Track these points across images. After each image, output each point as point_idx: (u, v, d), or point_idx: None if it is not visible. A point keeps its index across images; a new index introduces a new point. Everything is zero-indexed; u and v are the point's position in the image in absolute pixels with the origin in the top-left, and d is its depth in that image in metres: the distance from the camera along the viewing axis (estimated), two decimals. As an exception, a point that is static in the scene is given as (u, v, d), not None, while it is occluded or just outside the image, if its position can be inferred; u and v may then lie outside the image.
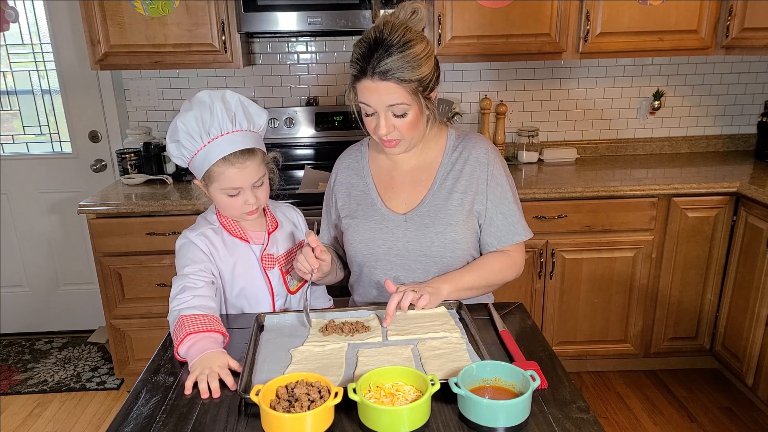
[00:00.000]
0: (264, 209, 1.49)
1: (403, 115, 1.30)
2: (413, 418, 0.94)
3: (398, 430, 0.94)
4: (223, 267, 1.42)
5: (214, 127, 1.31)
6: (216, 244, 1.42)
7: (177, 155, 1.36)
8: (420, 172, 1.45)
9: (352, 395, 0.96)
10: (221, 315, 1.39)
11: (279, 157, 1.50)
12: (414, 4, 1.32)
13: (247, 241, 1.45)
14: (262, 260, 1.45)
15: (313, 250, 1.35)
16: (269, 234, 1.48)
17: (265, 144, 1.45)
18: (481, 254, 1.49)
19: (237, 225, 1.44)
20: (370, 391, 1.01)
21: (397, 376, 1.04)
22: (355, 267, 1.53)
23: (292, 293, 1.51)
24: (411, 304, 1.28)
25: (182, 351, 1.20)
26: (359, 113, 1.37)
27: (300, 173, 2.75)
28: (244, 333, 1.33)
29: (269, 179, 1.45)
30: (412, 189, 1.45)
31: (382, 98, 1.28)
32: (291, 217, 1.59)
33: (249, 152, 1.35)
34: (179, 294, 1.31)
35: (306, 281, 1.54)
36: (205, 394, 1.08)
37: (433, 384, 0.98)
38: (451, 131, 1.47)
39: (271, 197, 1.49)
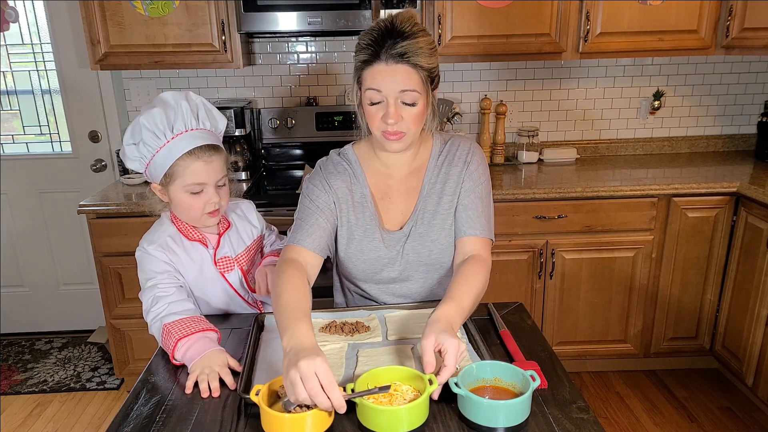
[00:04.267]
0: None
1: (412, 105, 1.24)
2: (412, 417, 0.95)
3: (397, 430, 0.94)
4: (188, 274, 1.39)
5: (178, 122, 1.30)
6: (177, 252, 1.38)
7: (136, 156, 1.33)
8: (411, 178, 1.42)
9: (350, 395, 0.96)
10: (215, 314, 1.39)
11: (238, 161, 1.47)
12: (410, 11, 1.29)
13: (205, 245, 1.41)
14: (216, 264, 1.42)
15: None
16: (220, 236, 1.44)
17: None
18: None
19: (194, 229, 1.40)
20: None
21: (395, 375, 1.04)
22: (349, 280, 1.49)
23: (254, 291, 1.47)
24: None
25: (179, 356, 1.19)
26: (359, 107, 1.31)
27: (300, 173, 2.75)
28: (244, 333, 1.33)
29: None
30: (405, 198, 1.41)
31: (396, 81, 1.21)
32: (242, 211, 1.53)
33: (214, 148, 1.34)
34: (153, 306, 1.29)
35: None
36: (205, 394, 1.08)
37: (431, 383, 0.98)
38: (437, 136, 1.44)
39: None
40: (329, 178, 1.39)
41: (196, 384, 1.10)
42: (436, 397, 1.01)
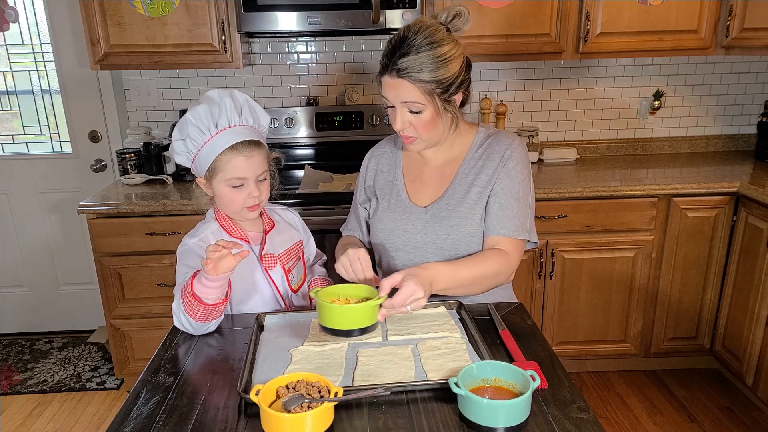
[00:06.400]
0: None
1: (419, 113, 1.33)
2: (362, 316, 1.12)
3: (351, 326, 1.12)
4: None
5: (222, 118, 1.34)
6: None
7: (183, 151, 1.39)
8: (447, 167, 1.48)
9: (313, 295, 1.16)
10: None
11: (281, 158, 1.52)
12: (458, 8, 1.33)
13: (248, 242, 1.45)
14: (262, 260, 1.45)
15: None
16: (266, 233, 1.48)
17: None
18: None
19: (236, 226, 1.45)
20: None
21: (353, 292, 1.21)
22: (376, 253, 1.57)
23: (295, 291, 1.52)
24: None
25: (198, 288, 1.24)
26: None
27: (300, 173, 2.75)
28: (244, 333, 1.33)
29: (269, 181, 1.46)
30: (438, 183, 1.48)
31: (398, 94, 1.32)
32: (286, 217, 1.60)
33: (256, 144, 1.38)
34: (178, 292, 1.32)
35: (304, 280, 1.55)
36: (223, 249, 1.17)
37: (380, 297, 1.13)
38: (481, 129, 1.49)
39: (270, 200, 1.50)
40: (371, 158, 1.61)
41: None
42: (381, 319, 1.15)
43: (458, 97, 1.37)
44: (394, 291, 1.18)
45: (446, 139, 1.45)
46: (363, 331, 1.14)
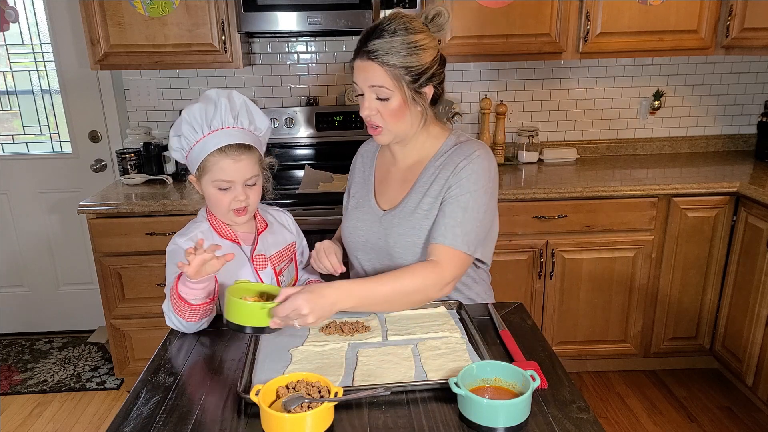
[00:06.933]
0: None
1: (386, 99, 1.30)
2: (252, 316, 1.13)
3: (242, 322, 1.13)
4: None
5: (216, 119, 1.34)
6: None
7: (177, 148, 1.39)
8: (409, 172, 1.45)
9: (227, 294, 1.15)
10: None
11: (275, 164, 1.49)
12: (437, 8, 1.32)
13: (238, 243, 1.44)
14: (253, 260, 1.44)
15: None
16: (258, 234, 1.47)
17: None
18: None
19: (227, 227, 1.44)
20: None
21: (251, 291, 1.23)
22: (347, 253, 1.57)
23: None
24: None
25: (182, 290, 1.24)
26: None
27: (300, 173, 2.75)
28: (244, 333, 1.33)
29: (263, 186, 1.45)
30: (400, 186, 1.45)
31: (367, 77, 1.30)
32: (281, 219, 1.59)
33: (245, 148, 1.36)
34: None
35: (295, 282, 1.55)
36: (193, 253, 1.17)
37: (271, 303, 1.12)
38: (452, 136, 1.42)
39: (264, 201, 1.48)
40: (357, 155, 1.62)
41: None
42: (273, 326, 1.13)
43: (428, 91, 1.33)
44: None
45: (415, 136, 1.40)
46: (255, 330, 1.13)
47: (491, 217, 1.38)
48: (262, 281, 1.45)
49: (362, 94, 1.33)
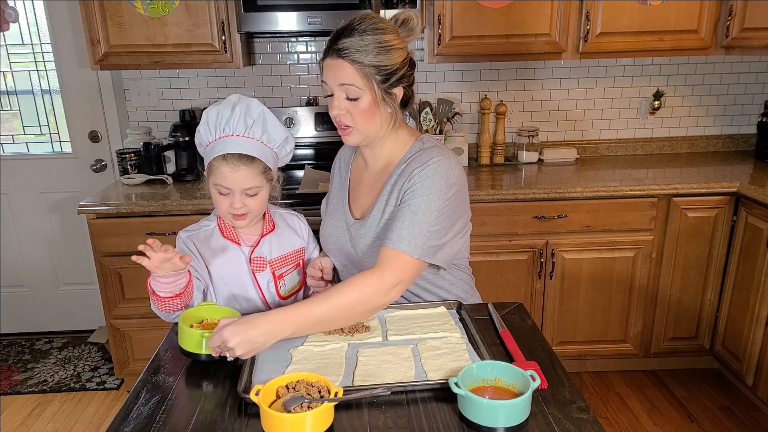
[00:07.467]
0: (264, 213, 1.49)
1: (355, 99, 1.29)
2: (196, 343, 1.17)
3: (192, 349, 1.18)
4: (212, 269, 1.43)
5: (228, 126, 1.35)
6: (210, 245, 1.43)
7: (198, 142, 1.42)
8: (378, 177, 1.42)
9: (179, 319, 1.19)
10: None
11: (281, 177, 1.48)
12: (407, 13, 1.32)
13: (237, 243, 1.44)
14: (250, 262, 1.44)
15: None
16: (262, 236, 1.47)
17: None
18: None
19: (231, 228, 1.45)
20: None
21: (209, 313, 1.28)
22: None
23: (283, 298, 1.49)
24: None
25: (151, 281, 1.26)
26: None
27: (300, 173, 2.75)
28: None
29: (270, 195, 1.44)
30: (370, 192, 1.43)
31: (336, 76, 1.28)
32: (292, 223, 1.57)
33: (248, 159, 1.35)
34: None
35: (300, 287, 1.54)
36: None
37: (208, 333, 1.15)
38: (418, 142, 1.38)
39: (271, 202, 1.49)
40: (335, 161, 1.59)
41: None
42: (214, 354, 1.14)
43: (398, 92, 1.32)
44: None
45: (383, 139, 1.37)
46: (199, 356, 1.18)
47: (450, 222, 1.31)
48: (258, 284, 1.45)
49: (332, 95, 1.31)
